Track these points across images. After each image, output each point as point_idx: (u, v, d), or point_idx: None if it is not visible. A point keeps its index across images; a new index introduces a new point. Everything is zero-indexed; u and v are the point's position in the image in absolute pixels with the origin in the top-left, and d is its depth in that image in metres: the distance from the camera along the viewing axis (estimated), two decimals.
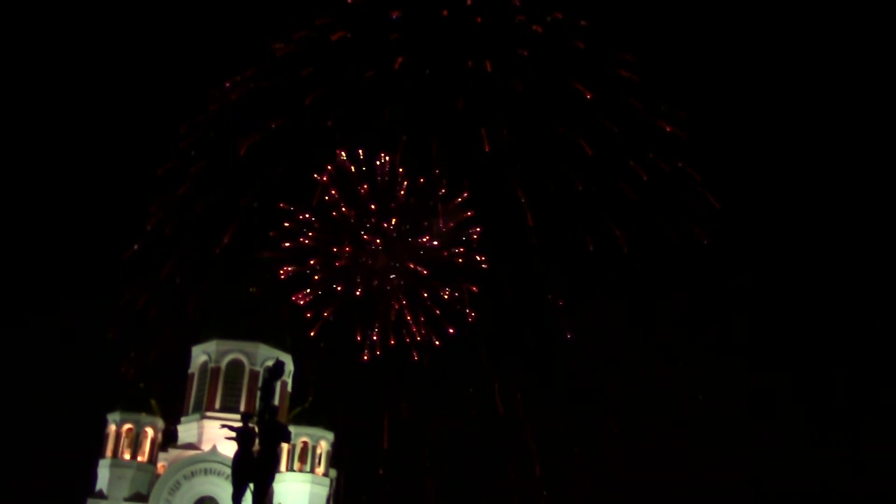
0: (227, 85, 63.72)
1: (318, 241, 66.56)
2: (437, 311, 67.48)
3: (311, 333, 66.38)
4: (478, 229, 67.87)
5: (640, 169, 62.48)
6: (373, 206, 67.32)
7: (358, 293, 67.39)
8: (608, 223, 65.52)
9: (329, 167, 67.29)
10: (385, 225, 66.90)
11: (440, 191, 67.17)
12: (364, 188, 66.35)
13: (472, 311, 68.45)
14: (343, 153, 66.43)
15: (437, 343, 68.10)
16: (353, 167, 67.31)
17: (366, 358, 65.35)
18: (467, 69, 60.63)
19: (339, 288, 66.70)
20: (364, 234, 67.57)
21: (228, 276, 71.42)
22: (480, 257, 68.22)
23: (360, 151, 65.98)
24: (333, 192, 66.70)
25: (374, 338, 66.00)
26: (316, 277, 66.70)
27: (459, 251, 68.44)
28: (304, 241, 66.95)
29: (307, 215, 66.79)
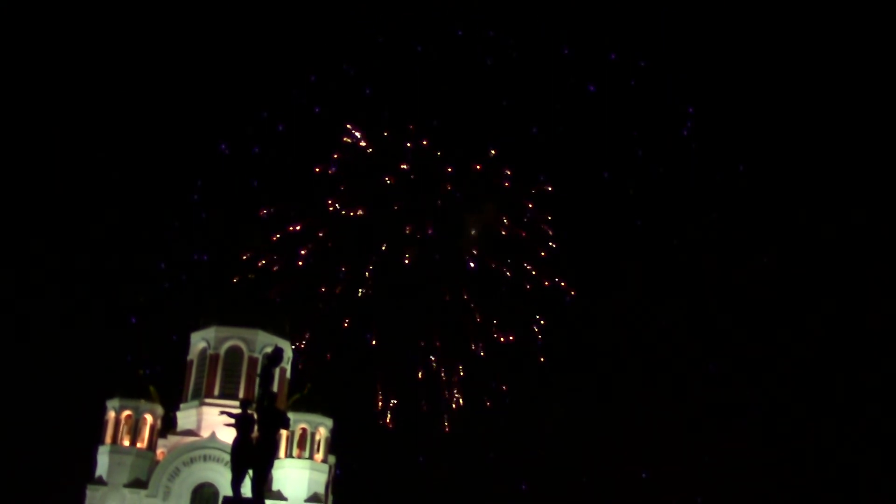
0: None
1: (316, 257, 55.63)
2: (482, 354, 54.37)
3: (305, 390, 62.09)
4: (552, 245, 52.40)
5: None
6: (396, 207, 53.97)
7: (374, 341, 56.19)
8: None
9: (335, 154, 55.92)
10: (412, 230, 53.59)
11: (504, 181, 52.53)
12: (390, 180, 52.59)
13: (541, 355, 56.15)
14: (355, 130, 53.43)
15: (487, 404, 57.11)
16: (369, 149, 54.44)
17: (387, 424, 56.43)
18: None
19: (345, 324, 55.99)
20: (385, 246, 54.10)
21: (227, 263, 71.47)
22: (560, 281, 53.39)
23: (386, 133, 52.87)
24: (342, 187, 55.28)
25: (392, 403, 56.50)
26: (321, 305, 55.79)
27: (530, 272, 52.59)
28: (301, 262, 56.23)
29: (298, 226, 55.75)
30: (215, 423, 57.66)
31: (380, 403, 56.77)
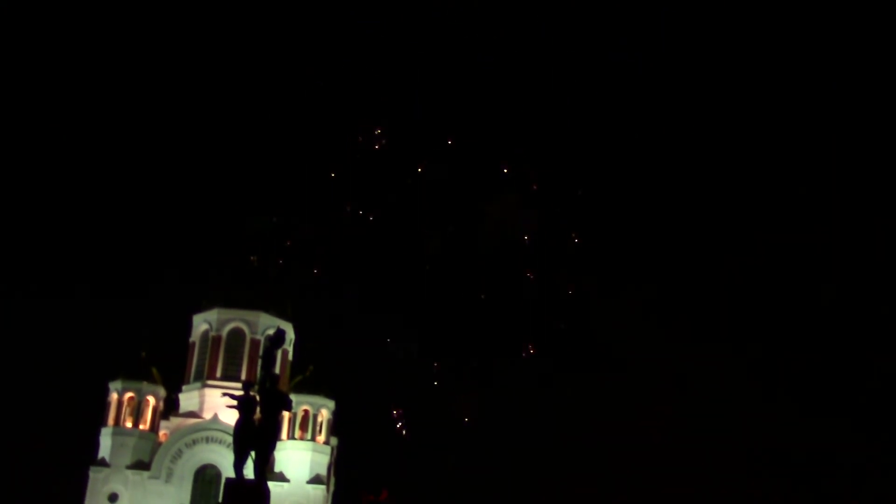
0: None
1: (330, 261, 55.74)
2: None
3: (307, 372, 62.38)
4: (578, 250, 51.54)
5: None
6: (414, 209, 52.58)
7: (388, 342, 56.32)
8: None
9: (352, 154, 55.28)
10: (431, 233, 52.62)
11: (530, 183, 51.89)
12: (409, 181, 51.44)
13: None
14: (374, 130, 52.40)
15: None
16: (387, 149, 53.90)
17: (402, 434, 57.05)
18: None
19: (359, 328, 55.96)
20: (402, 249, 53.23)
21: (229, 245, 71.48)
22: (582, 286, 52.09)
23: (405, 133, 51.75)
24: (358, 189, 54.12)
25: (396, 412, 57.59)
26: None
27: (554, 277, 50.93)
28: (316, 270, 56.67)
29: (311, 231, 55.30)
30: (217, 404, 57.71)
31: (394, 413, 57.38)
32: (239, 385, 35.04)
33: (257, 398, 31.36)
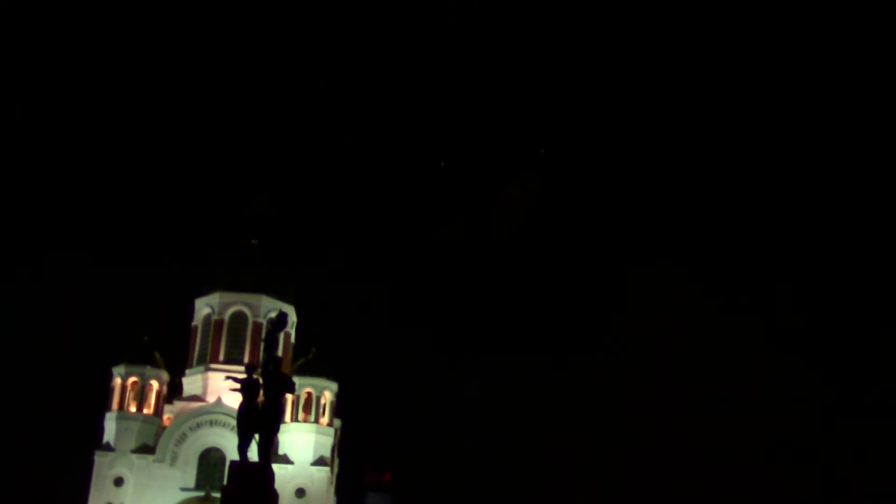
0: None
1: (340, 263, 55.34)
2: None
3: (309, 354, 63.20)
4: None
5: None
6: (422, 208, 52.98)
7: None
8: None
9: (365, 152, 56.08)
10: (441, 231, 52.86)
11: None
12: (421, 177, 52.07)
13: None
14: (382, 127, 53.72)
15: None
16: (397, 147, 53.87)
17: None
18: None
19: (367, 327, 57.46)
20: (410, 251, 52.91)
21: (231, 229, 71.41)
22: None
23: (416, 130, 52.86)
24: (369, 186, 54.93)
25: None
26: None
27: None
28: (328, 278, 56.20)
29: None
30: (221, 388, 57.79)
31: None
32: (242, 368, 35.16)
33: (260, 381, 31.44)
